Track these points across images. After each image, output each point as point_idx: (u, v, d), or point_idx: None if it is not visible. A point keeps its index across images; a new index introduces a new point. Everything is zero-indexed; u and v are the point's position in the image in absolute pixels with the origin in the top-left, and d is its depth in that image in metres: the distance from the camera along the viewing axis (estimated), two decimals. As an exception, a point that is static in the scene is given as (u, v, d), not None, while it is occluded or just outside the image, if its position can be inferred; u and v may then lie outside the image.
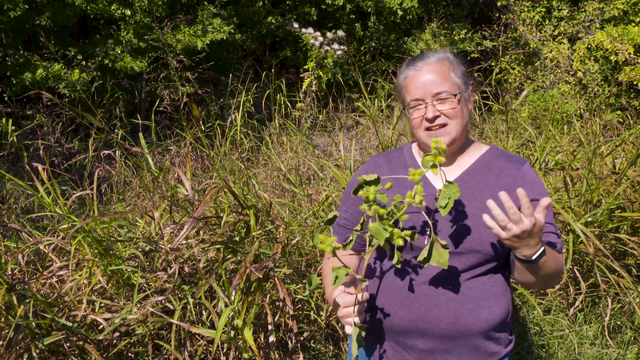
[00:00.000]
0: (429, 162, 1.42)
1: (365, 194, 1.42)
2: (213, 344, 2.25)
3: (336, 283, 1.44)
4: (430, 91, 1.61)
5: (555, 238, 1.62)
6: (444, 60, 1.65)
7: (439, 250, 1.45)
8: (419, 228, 1.61)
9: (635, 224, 3.53)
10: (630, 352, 3.28)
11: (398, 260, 1.46)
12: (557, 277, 1.61)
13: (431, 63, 1.64)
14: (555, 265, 1.54)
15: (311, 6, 9.59)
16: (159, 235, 2.78)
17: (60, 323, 2.34)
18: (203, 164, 5.19)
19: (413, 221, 1.61)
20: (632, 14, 8.32)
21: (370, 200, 1.42)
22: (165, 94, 5.54)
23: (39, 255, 2.97)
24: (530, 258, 1.45)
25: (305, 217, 3.37)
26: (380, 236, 1.40)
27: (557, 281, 1.63)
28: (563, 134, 5.32)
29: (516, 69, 8.59)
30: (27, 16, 6.68)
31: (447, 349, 1.60)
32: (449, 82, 1.62)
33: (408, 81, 1.66)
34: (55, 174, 4.36)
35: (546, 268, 1.51)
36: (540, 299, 3.50)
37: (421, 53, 1.70)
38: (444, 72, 1.63)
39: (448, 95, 1.60)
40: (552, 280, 1.61)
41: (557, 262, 1.56)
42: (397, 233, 1.41)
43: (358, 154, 5.14)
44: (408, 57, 1.77)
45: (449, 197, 1.42)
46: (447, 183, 1.43)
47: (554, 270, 1.55)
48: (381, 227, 1.41)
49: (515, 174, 1.64)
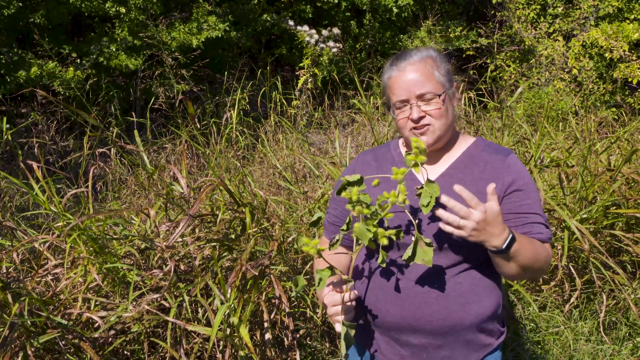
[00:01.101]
0: (411, 161, 1.42)
1: (348, 195, 1.42)
2: (209, 342, 2.25)
3: (320, 285, 1.44)
4: (414, 92, 1.60)
5: (542, 228, 1.62)
6: (427, 58, 1.64)
7: (424, 248, 1.45)
8: (405, 226, 1.61)
9: (630, 221, 3.54)
10: (625, 348, 3.29)
11: (383, 259, 1.46)
12: (543, 265, 1.60)
13: (414, 63, 1.63)
14: (533, 253, 1.54)
15: (306, 4, 9.57)
16: (155, 233, 2.78)
17: (56, 321, 2.34)
18: (198, 161, 5.18)
19: (399, 220, 1.61)
20: (626, 11, 8.33)
21: (353, 201, 1.41)
22: (161, 92, 5.53)
23: (34, 254, 2.96)
24: (500, 248, 1.46)
25: (301, 215, 3.37)
26: (364, 236, 1.40)
27: (544, 269, 1.62)
28: (558, 131, 5.34)
29: (511, 66, 8.60)
30: (21, 14, 6.65)
31: (439, 344, 1.61)
32: (433, 81, 1.61)
33: (392, 81, 1.65)
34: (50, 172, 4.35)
35: (523, 257, 1.51)
36: (536, 295, 3.51)
37: (405, 51, 1.68)
38: (428, 71, 1.62)
39: (432, 96, 1.60)
40: (537, 270, 1.60)
41: (537, 249, 1.56)
42: (381, 233, 1.41)
43: (354, 151, 5.14)
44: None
45: (431, 195, 1.42)
46: (428, 181, 1.43)
47: (534, 258, 1.55)
48: (364, 228, 1.40)
49: (500, 166, 1.64)
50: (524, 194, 1.61)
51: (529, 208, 1.61)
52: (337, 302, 1.52)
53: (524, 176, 1.64)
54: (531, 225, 1.60)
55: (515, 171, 1.63)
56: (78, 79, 6.56)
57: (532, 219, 1.61)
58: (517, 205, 1.60)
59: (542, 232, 1.61)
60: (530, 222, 1.60)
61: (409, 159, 1.42)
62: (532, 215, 1.61)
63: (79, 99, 6.11)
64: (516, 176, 1.62)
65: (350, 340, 1.50)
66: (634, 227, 3.57)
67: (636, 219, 3.50)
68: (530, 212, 1.60)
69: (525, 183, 1.62)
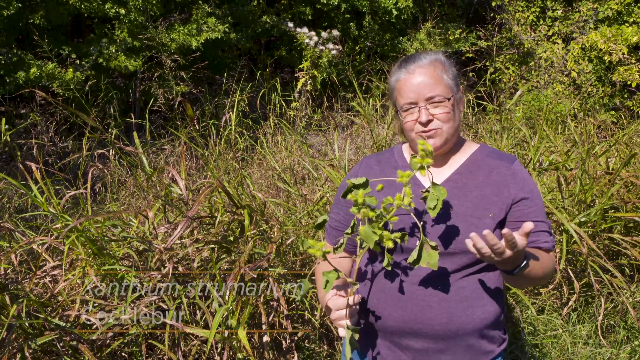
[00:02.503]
0: (417, 164, 1.42)
1: (353, 198, 1.42)
2: (207, 344, 2.25)
3: (327, 287, 1.44)
4: (424, 95, 1.60)
5: (547, 236, 1.62)
6: (437, 62, 1.64)
7: (429, 251, 1.45)
8: (409, 230, 1.61)
9: (629, 224, 3.54)
10: (623, 352, 3.29)
11: (388, 262, 1.46)
12: (547, 277, 1.63)
13: (424, 65, 1.62)
14: (541, 269, 1.56)
15: (306, 5, 9.58)
16: (153, 234, 2.78)
17: (54, 323, 2.34)
18: (197, 163, 5.18)
19: (404, 223, 1.60)
20: (625, 15, 8.34)
21: (359, 204, 1.41)
22: (160, 93, 5.52)
23: (32, 255, 2.96)
24: (511, 272, 1.48)
25: (299, 217, 3.37)
26: (370, 239, 1.39)
27: (549, 277, 1.64)
28: (557, 134, 5.34)
29: (510, 68, 8.60)
30: (21, 15, 6.64)
31: (441, 348, 1.60)
32: (442, 85, 1.61)
33: (400, 84, 1.65)
34: (49, 173, 4.36)
35: (531, 275, 1.53)
36: (534, 298, 3.51)
37: (413, 54, 1.68)
38: (437, 74, 1.61)
39: (441, 99, 1.60)
40: (542, 281, 1.63)
41: (545, 265, 1.58)
42: (387, 235, 1.40)
43: (352, 153, 5.14)
44: (402, 56, 1.76)
45: (438, 198, 1.42)
46: (433, 184, 1.43)
47: (541, 274, 1.58)
48: (370, 230, 1.40)
49: (505, 172, 1.64)
50: (530, 202, 1.61)
51: (535, 216, 1.61)
52: (341, 306, 1.51)
53: (530, 183, 1.64)
54: (537, 234, 1.61)
55: (521, 179, 1.63)
56: (77, 80, 6.55)
57: (538, 227, 1.61)
58: (524, 214, 1.60)
59: (547, 241, 1.62)
60: (536, 230, 1.61)
61: (415, 162, 1.42)
62: (538, 224, 1.61)
63: (78, 100, 6.12)
64: (522, 184, 1.62)
65: (354, 345, 1.50)
66: (632, 230, 3.57)
67: (634, 223, 3.50)
68: (536, 220, 1.60)
69: (531, 190, 1.62)
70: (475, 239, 1.37)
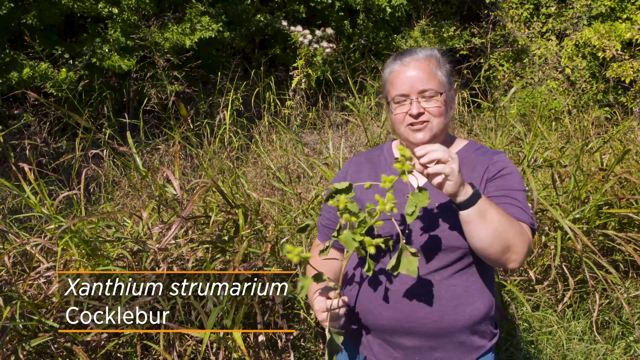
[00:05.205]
0: (399, 169, 1.40)
1: (335, 204, 1.40)
2: (202, 344, 2.25)
3: (302, 292, 1.43)
4: (416, 88, 1.60)
5: (519, 210, 1.57)
6: (432, 57, 1.65)
7: (409, 258, 1.43)
8: (395, 233, 1.59)
9: (623, 220, 3.55)
10: (618, 348, 3.30)
11: (369, 267, 1.45)
12: (517, 237, 1.50)
13: (418, 59, 1.63)
14: (505, 217, 1.48)
15: (300, 4, 9.57)
16: (147, 235, 2.77)
17: (48, 324, 2.32)
18: (192, 162, 5.17)
19: (390, 226, 1.59)
20: (619, 11, 8.37)
21: (340, 210, 1.40)
22: (153, 93, 5.51)
23: (25, 256, 2.95)
24: (469, 196, 1.43)
25: (294, 216, 3.37)
26: (350, 245, 1.38)
27: (521, 246, 1.51)
28: (551, 130, 5.35)
29: (505, 65, 8.63)
30: (13, 15, 6.61)
31: (433, 346, 1.60)
32: (435, 80, 1.62)
33: (394, 75, 1.65)
34: (43, 174, 4.34)
35: (492, 217, 1.45)
36: (529, 295, 3.52)
37: (409, 49, 1.69)
38: (431, 69, 1.62)
39: (434, 94, 1.60)
40: (512, 239, 1.49)
41: (510, 218, 1.50)
42: (368, 241, 1.39)
43: (347, 152, 5.14)
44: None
45: (416, 204, 1.40)
46: (417, 190, 1.42)
47: (507, 223, 1.48)
48: (351, 236, 1.39)
49: (487, 163, 1.64)
50: (505, 180, 1.60)
51: (509, 193, 1.58)
52: (325, 309, 1.51)
53: (512, 171, 1.62)
54: (506, 205, 1.56)
55: (503, 163, 1.63)
56: (70, 80, 6.53)
57: (509, 201, 1.57)
58: (498, 188, 1.59)
59: (516, 213, 1.56)
60: (506, 202, 1.56)
61: (396, 167, 1.40)
62: (511, 199, 1.58)
63: (71, 101, 6.09)
64: (502, 166, 1.62)
65: (335, 347, 1.49)
66: (626, 226, 3.58)
67: (629, 219, 3.51)
68: (509, 196, 1.58)
69: (510, 173, 1.61)
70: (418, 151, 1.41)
